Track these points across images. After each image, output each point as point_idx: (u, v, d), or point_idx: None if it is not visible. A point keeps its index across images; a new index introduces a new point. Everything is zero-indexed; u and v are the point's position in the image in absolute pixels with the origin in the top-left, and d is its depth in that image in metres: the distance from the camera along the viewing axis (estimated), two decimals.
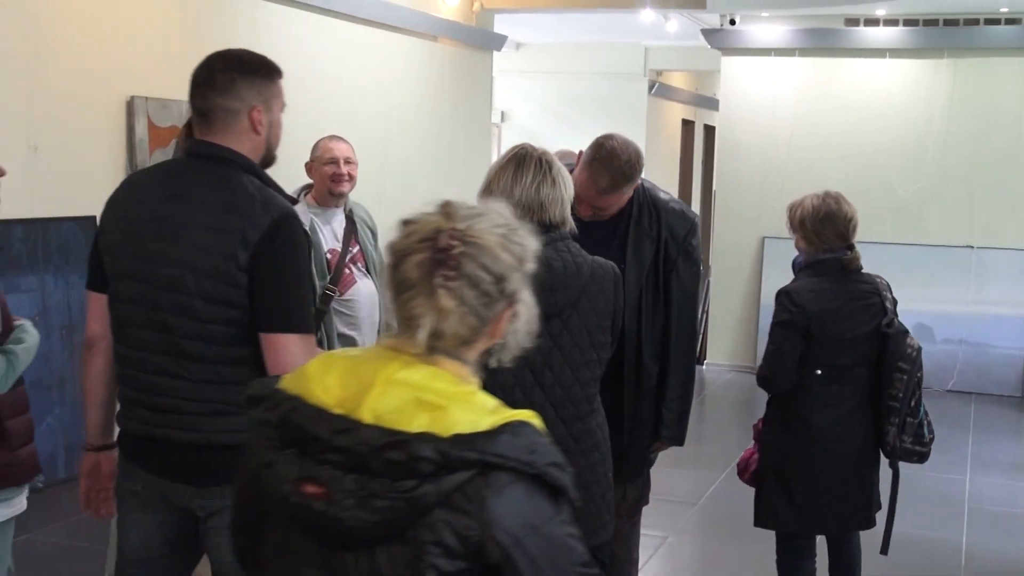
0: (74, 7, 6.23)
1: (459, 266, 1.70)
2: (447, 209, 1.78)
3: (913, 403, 3.89)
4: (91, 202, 6.35)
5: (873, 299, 4.04)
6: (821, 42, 10.34)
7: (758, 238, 10.37)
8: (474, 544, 1.57)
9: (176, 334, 2.62)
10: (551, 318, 2.72)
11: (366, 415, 1.63)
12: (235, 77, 2.70)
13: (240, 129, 2.70)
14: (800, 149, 10.27)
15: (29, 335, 3.17)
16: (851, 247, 4.07)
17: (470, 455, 1.58)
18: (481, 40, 11.11)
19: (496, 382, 2.54)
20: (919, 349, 3.94)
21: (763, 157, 10.42)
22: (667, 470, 6.82)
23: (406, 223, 1.81)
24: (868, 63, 10.23)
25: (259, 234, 2.56)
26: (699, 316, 3.43)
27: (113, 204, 2.80)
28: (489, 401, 1.70)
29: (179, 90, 7.02)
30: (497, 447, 1.60)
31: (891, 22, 10.15)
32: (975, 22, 9.88)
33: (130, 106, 6.63)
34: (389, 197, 9.04)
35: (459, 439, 1.59)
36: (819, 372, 3.98)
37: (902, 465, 4.10)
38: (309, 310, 2.71)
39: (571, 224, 2.91)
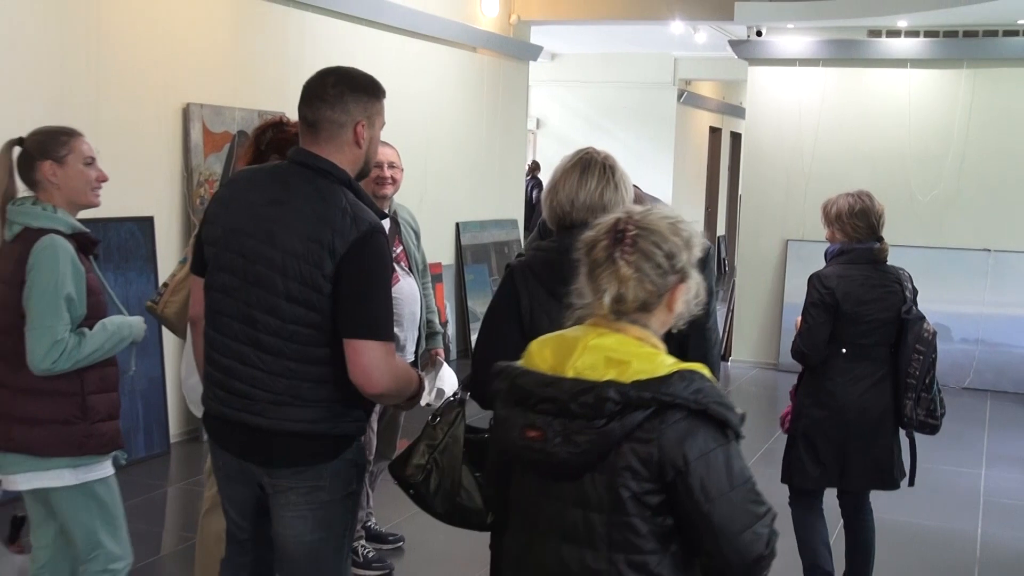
0: (135, 20, 6.28)
1: (635, 243, 2.05)
2: (625, 209, 2.17)
3: (928, 380, 4.15)
4: (149, 203, 6.43)
5: (895, 287, 4.28)
6: (844, 53, 10.27)
7: (782, 241, 10.31)
8: (655, 467, 1.93)
9: (259, 328, 2.70)
10: None
11: (568, 372, 2.02)
12: (344, 92, 2.78)
13: (344, 141, 2.77)
14: (823, 156, 10.20)
15: (104, 330, 3.20)
16: (880, 239, 4.32)
17: (645, 395, 1.93)
18: (518, 51, 11.11)
19: None
20: (934, 333, 4.20)
21: (787, 163, 10.36)
22: None
23: (593, 224, 2.18)
24: (890, 73, 10.16)
25: (346, 246, 2.62)
26: (717, 338, 3.35)
27: (220, 199, 2.90)
28: (668, 359, 2.03)
29: (231, 97, 7.12)
30: (668, 388, 1.94)
31: (912, 34, 10.07)
32: (993, 33, 9.80)
33: (186, 112, 6.68)
34: (431, 198, 9.07)
35: (637, 384, 1.95)
36: (844, 351, 4.24)
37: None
38: (390, 319, 2.74)
39: None
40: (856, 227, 4.32)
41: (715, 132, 18.29)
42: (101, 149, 5.96)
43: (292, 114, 8.02)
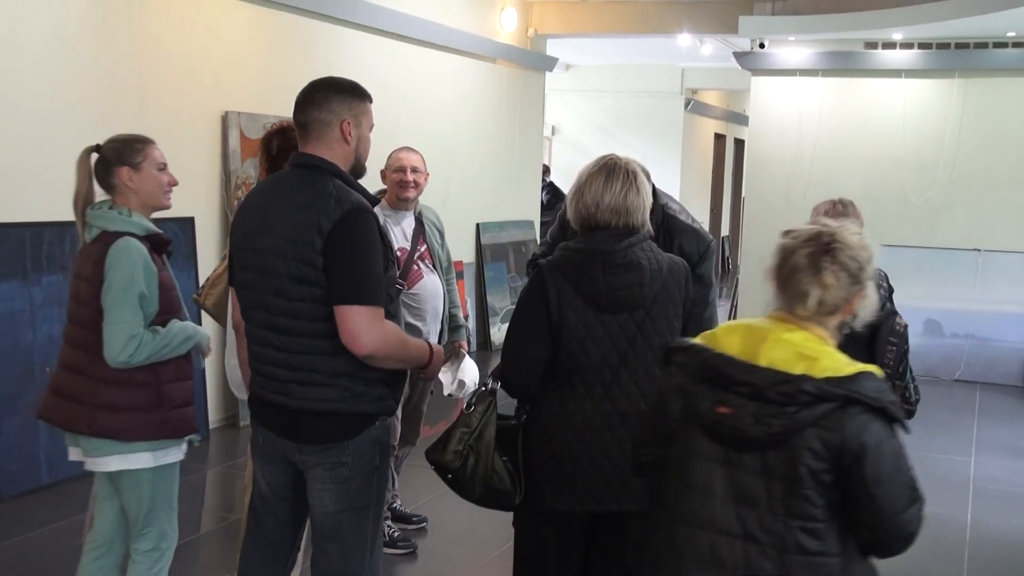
0: (178, 35, 6.32)
1: (836, 256, 2.21)
2: (819, 222, 2.32)
3: (901, 369, 4.24)
4: (190, 205, 6.47)
5: None
6: (842, 64, 10.25)
7: None
8: (835, 452, 2.08)
9: (273, 312, 2.80)
10: (637, 308, 2.81)
11: (762, 361, 2.17)
12: (330, 95, 2.89)
13: (332, 138, 2.86)
14: (822, 161, 10.19)
15: (174, 331, 3.26)
16: None
17: (837, 391, 2.08)
18: (535, 62, 11.12)
19: (590, 364, 2.78)
20: (906, 326, 4.29)
21: (788, 168, 10.35)
22: None
23: (788, 232, 2.35)
24: (885, 83, 10.14)
25: (331, 223, 2.70)
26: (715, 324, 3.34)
27: (240, 210, 3.02)
28: (845, 358, 2.19)
29: (266, 105, 7.15)
30: (857, 386, 2.09)
31: (907, 46, 10.04)
32: (984, 45, 9.76)
33: (225, 120, 6.72)
34: (453, 200, 9.10)
35: (830, 380, 2.10)
36: None
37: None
38: (376, 286, 2.76)
39: (649, 227, 2.93)
40: None
41: (720, 138, 18.25)
42: None
43: None
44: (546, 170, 14.52)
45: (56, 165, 5.57)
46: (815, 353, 2.16)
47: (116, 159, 3.26)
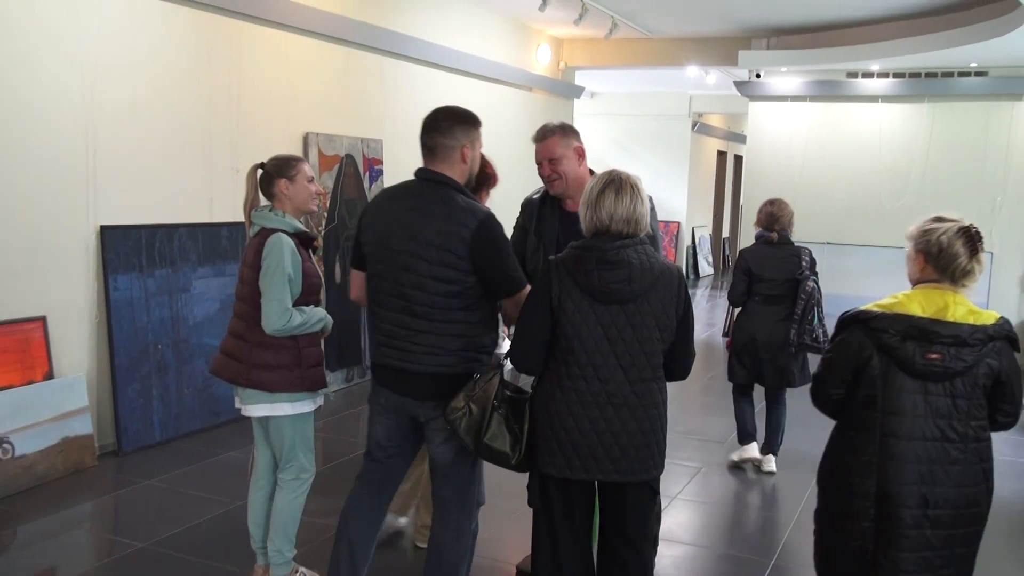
0: (267, 68, 6.38)
1: (982, 242, 2.70)
2: (955, 217, 2.72)
3: (809, 317, 5.10)
4: None
5: (792, 259, 5.24)
6: (827, 91, 10.15)
7: None
8: (995, 372, 2.64)
9: (410, 300, 2.94)
10: (628, 302, 2.78)
11: (950, 318, 2.60)
12: (453, 124, 3.00)
13: (455, 160, 2.99)
14: (810, 173, 10.09)
15: (310, 313, 3.42)
16: (771, 229, 5.34)
17: (1001, 332, 2.64)
18: (565, 90, 11.09)
19: (583, 347, 2.80)
20: (814, 287, 5.14)
21: (780, 179, 10.26)
22: (701, 415, 6.78)
23: (939, 219, 2.72)
24: (864, 107, 10.03)
25: (470, 232, 2.87)
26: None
27: (370, 210, 3.10)
28: (985, 310, 2.67)
29: (340, 127, 7.20)
30: (1006, 329, 2.66)
31: (883, 75, 9.93)
32: (950, 74, 9.64)
33: (306, 139, 6.76)
34: (495, 209, 9.08)
35: (995, 326, 2.63)
36: (756, 298, 5.27)
37: None
38: (519, 272, 2.99)
39: (647, 231, 2.90)
40: (762, 221, 5.43)
41: (722, 155, 18.10)
42: (240, 168, 6.09)
43: (392, 140, 8.08)
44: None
45: (166, 176, 5.66)
46: (977, 310, 2.64)
47: (276, 173, 3.47)
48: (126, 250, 5.34)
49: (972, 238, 2.65)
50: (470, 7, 8.86)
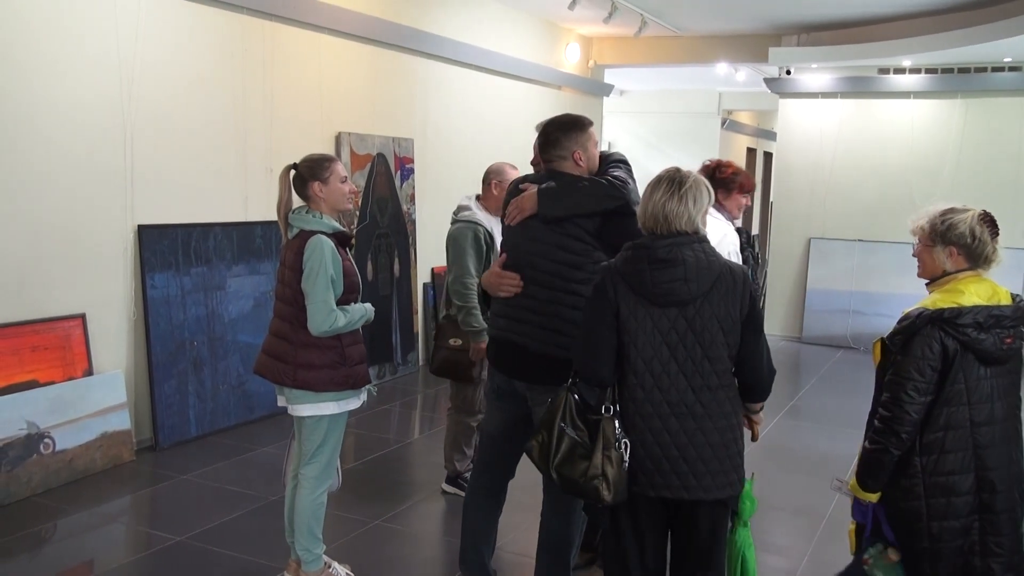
0: (300, 69, 6.41)
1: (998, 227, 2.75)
2: (975, 208, 2.75)
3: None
4: None
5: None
6: (858, 87, 10.02)
7: (805, 239, 10.12)
8: None
9: (538, 269, 3.03)
10: (686, 304, 2.59)
11: (1003, 302, 2.65)
12: (559, 136, 3.10)
13: (569, 166, 3.10)
14: (840, 171, 9.97)
15: (354, 311, 3.46)
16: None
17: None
18: (594, 88, 11.05)
19: (639, 354, 2.61)
20: (748, 266, 4.92)
21: (810, 177, 10.15)
22: None
23: (953, 210, 2.75)
24: (896, 103, 9.88)
25: (595, 225, 3.00)
26: None
27: (510, 193, 3.24)
28: None
29: (371, 127, 7.22)
30: None
31: (915, 71, 9.78)
32: (983, 70, 9.47)
33: (338, 139, 6.79)
34: None
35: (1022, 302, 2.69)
36: None
37: None
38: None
39: (703, 231, 2.71)
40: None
41: (751, 152, 17.95)
42: (273, 168, 6.14)
43: (422, 139, 8.09)
44: None
45: (201, 176, 5.71)
46: (1009, 292, 2.72)
47: (309, 175, 3.46)
48: (163, 249, 5.40)
49: (993, 223, 2.72)
50: (500, 7, 8.85)
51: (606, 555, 2.83)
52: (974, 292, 2.64)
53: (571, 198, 3.00)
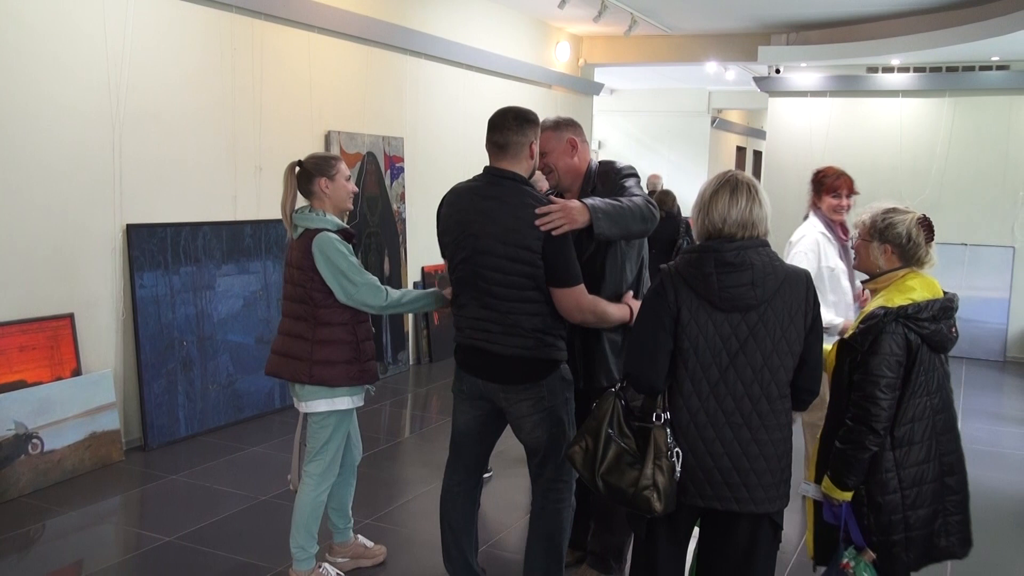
0: (290, 68, 6.39)
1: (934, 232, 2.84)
2: (901, 206, 2.84)
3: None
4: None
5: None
6: (847, 86, 10.04)
7: None
8: None
9: (489, 282, 3.00)
10: (750, 310, 2.51)
11: (939, 295, 2.73)
12: (523, 123, 3.08)
13: (523, 156, 3.08)
14: None
15: (406, 290, 3.50)
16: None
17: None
18: (584, 87, 11.05)
19: (698, 360, 2.54)
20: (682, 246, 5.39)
21: (799, 175, 10.11)
22: None
23: (895, 210, 2.83)
24: (884, 102, 9.92)
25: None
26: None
27: (447, 204, 3.17)
28: None
29: (361, 125, 7.19)
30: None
31: (903, 69, 9.81)
32: (971, 68, 9.50)
33: (328, 137, 6.77)
34: None
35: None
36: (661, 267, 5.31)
37: None
38: (576, 269, 2.99)
39: (767, 235, 2.64)
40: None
41: (741, 150, 17.99)
42: (263, 168, 6.11)
43: (412, 137, 8.05)
44: None
45: (190, 175, 5.68)
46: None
47: (316, 171, 3.46)
48: (151, 248, 5.37)
49: (930, 228, 2.83)
50: (490, 5, 8.84)
51: (636, 562, 2.75)
52: (921, 288, 2.74)
53: (624, 220, 3.06)
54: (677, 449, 2.54)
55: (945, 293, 2.77)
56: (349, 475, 3.79)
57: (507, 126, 3.05)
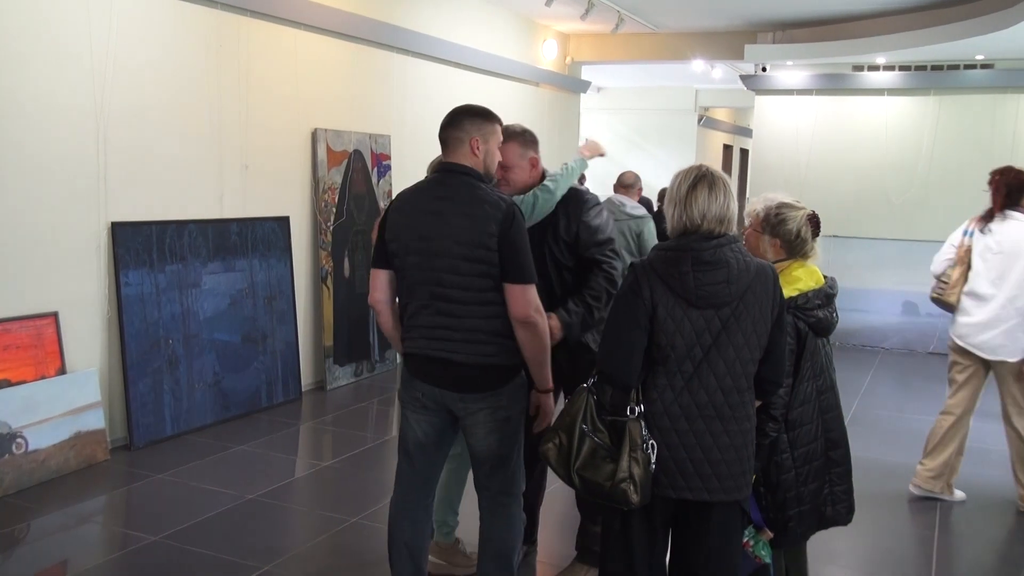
0: (276, 65, 6.36)
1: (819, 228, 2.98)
2: (793, 202, 2.95)
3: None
4: (286, 206, 6.52)
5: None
6: (833, 84, 10.09)
7: None
8: None
9: (445, 285, 2.87)
10: (724, 306, 2.54)
11: (820, 283, 2.91)
12: (463, 118, 3.00)
13: (464, 152, 2.96)
14: (815, 167, 10.04)
15: None
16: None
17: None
18: (571, 85, 11.05)
19: (674, 355, 2.56)
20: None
21: (786, 173, 10.21)
22: None
23: (788, 206, 2.93)
24: (870, 100, 9.97)
25: (501, 216, 2.83)
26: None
27: (395, 209, 3.01)
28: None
29: (348, 123, 7.17)
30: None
31: (888, 68, 9.87)
32: (956, 67, 9.57)
33: (314, 135, 6.75)
34: None
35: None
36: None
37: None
38: (532, 267, 2.90)
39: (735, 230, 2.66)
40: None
41: (728, 148, 18.05)
42: (249, 165, 6.09)
43: (399, 135, 8.03)
44: (582, 178, 14.48)
45: (176, 173, 5.65)
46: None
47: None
48: (137, 246, 5.33)
49: (817, 224, 2.97)
50: (477, 3, 8.83)
51: (606, 555, 2.77)
52: (806, 277, 2.90)
53: (587, 323, 3.37)
54: (652, 441, 2.58)
55: (825, 279, 2.94)
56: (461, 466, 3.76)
57: (446, 122, 3.02)
